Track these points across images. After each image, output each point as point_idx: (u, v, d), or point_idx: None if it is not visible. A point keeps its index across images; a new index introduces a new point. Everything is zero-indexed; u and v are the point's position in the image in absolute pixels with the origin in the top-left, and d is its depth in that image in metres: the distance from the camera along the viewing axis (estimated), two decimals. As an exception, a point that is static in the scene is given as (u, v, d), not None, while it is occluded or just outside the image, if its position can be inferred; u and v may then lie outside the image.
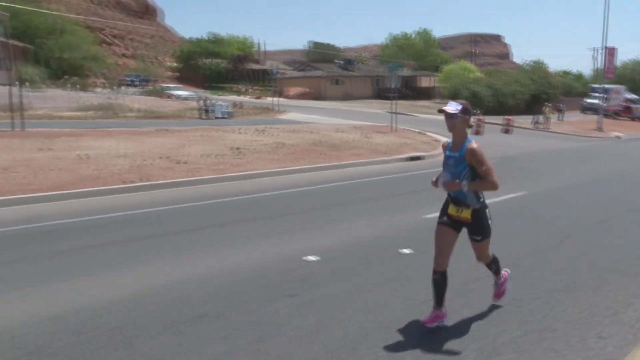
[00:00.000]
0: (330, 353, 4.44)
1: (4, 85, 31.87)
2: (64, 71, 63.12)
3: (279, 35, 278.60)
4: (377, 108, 51.11)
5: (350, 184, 13.89)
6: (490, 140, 27.36)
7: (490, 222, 4.98)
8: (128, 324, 4.97)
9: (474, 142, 4.76)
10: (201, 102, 37.01)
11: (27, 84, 34.58)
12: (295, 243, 7.85)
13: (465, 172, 4.74)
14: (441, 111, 4.79)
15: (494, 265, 5.36)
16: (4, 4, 60.33)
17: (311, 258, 6.98)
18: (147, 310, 5.29)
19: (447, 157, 4.91)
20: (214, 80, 79.19)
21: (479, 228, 4.92)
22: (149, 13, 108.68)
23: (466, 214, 4.86)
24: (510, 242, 8.06)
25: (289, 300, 5.56)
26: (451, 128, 4.81)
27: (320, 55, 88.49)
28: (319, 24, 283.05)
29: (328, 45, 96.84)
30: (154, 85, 65.71)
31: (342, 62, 79.22)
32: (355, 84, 71.01)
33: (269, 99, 49.71)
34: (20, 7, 62.49)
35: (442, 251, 4.90)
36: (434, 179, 4.93)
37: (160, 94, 55.08)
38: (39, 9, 65.35)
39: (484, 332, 4.88)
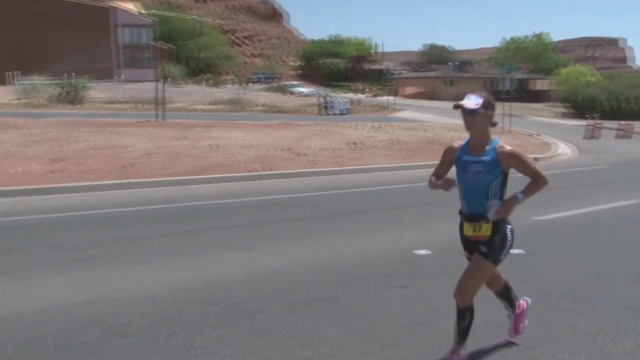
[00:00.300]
0: (437, 345, 4.27)
1: (151, 81, 34.06)
2: (200, 69, 66.50)
3: (396, 37, 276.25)
4: (489, 109, 49.26)
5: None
6: (605, 145, 25.60)
7: (509, 243, 3.83)
8: (249, 301, 5.06)
9: (504, 144, 3.83)
10: (321, 99, 37.49)
11: (169, 80, 36.59)
12: (407, 236, 7.69)
13: (498, 180, 3.80)
14: (457, 106, 3.76)
15: (467, 316, 3.91)
16: (155, 11, 64.47)
17: (421, 252, 6.80)
18: (266, 290, 5.36)
19: (464, 163, 3.83)
20: (333, 78, 79.93)
21: (493, 243, 3.77)
22: (275, 16, 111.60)
23: (486, 229, 3.78)
24: (620, 250, 7.42)
25: (400, 291, 5.43)
26: (470, 126, 3.78)
27: (435, 57, 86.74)
28: (435, 27, 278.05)
29: (443, 47, 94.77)
30: (278, 83, 67.40)
31: (456, 63, 77.27)
32: (468, 85, 68.69)
33: (385, 98, 49.46)
34: (167, 13, 66.55)
35: None
36: (434, 179, 3.98)
37: (283, 90, 56.38)
38: (182, 15, 69.19)
39: (595, 340, 4.49)
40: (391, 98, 45.90)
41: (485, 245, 3.78)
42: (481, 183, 3.78)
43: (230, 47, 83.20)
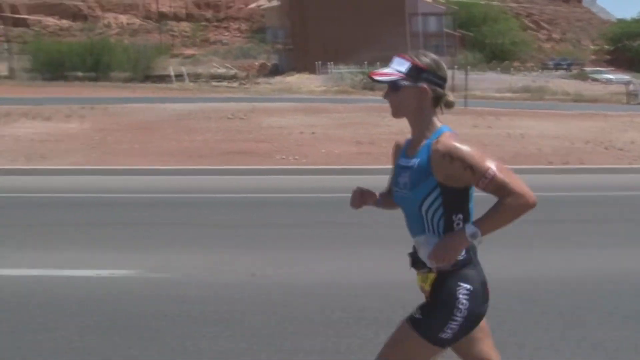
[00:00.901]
0: None
1: (447, 68, 34.67)
2: (495, 55, 65.03)
3: None
4: None
5: None
6: None
7: (462, 313, 2.19)
8: (576, 303, 4.71)
9: (446, 136, 2.18)
10: (631, 86, 33.65)
11: (468, 67, 36.72)
12: None
13: (433, 199, 2.21)
14: (370, 77, 2.31)
15: None
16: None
17: None
18: (593, 295, 4.92)
19: (397, 170, 2.36)
20: (644, 63, 70.75)
21: (433, 310, 2.24)
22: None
23: (429, 281, 2.30)
24: None
25: None
26: (395, 111, 2.30)
27: None
28: None
29: None
30: (579, 69, 62.31)
31: None
32: None
33: None
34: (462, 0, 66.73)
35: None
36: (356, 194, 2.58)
37: (584, 77, 51.98)
38: (478, 0, 68.61)
39: None
40: None
41: (422, 309, 2.28)
42: (410, 204, 2.29)
43: (524, 32, 79.53)
